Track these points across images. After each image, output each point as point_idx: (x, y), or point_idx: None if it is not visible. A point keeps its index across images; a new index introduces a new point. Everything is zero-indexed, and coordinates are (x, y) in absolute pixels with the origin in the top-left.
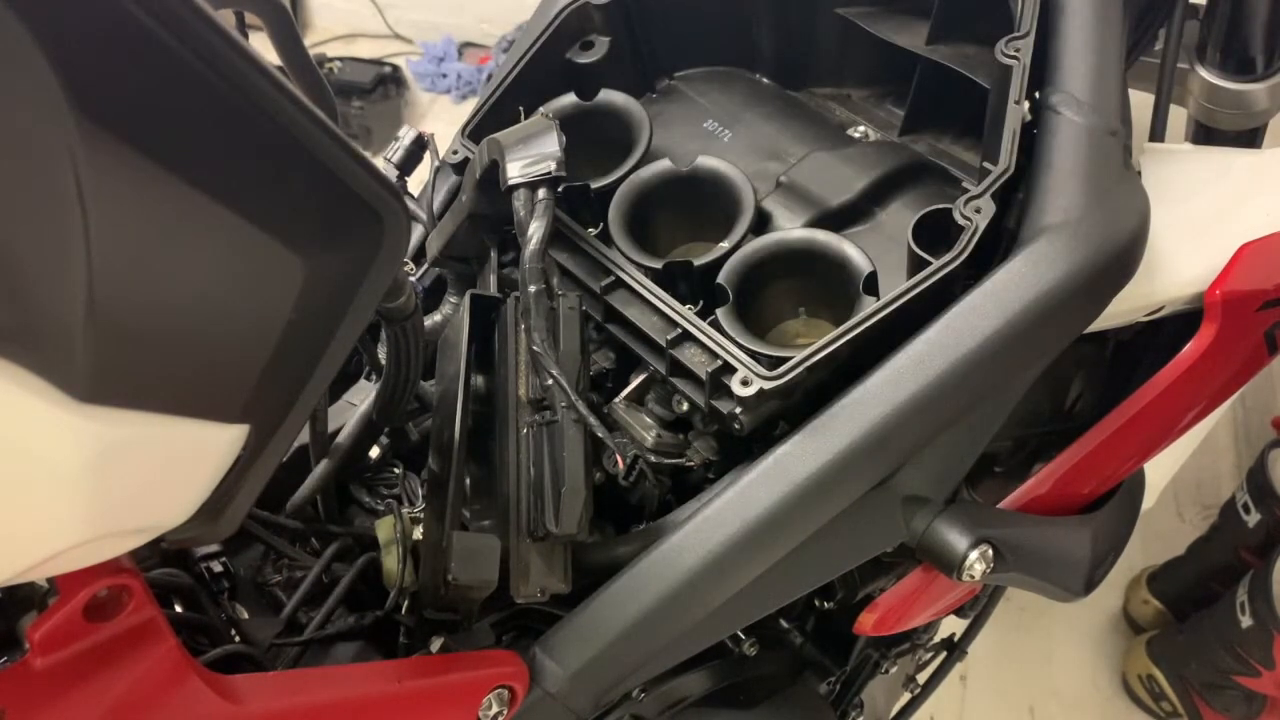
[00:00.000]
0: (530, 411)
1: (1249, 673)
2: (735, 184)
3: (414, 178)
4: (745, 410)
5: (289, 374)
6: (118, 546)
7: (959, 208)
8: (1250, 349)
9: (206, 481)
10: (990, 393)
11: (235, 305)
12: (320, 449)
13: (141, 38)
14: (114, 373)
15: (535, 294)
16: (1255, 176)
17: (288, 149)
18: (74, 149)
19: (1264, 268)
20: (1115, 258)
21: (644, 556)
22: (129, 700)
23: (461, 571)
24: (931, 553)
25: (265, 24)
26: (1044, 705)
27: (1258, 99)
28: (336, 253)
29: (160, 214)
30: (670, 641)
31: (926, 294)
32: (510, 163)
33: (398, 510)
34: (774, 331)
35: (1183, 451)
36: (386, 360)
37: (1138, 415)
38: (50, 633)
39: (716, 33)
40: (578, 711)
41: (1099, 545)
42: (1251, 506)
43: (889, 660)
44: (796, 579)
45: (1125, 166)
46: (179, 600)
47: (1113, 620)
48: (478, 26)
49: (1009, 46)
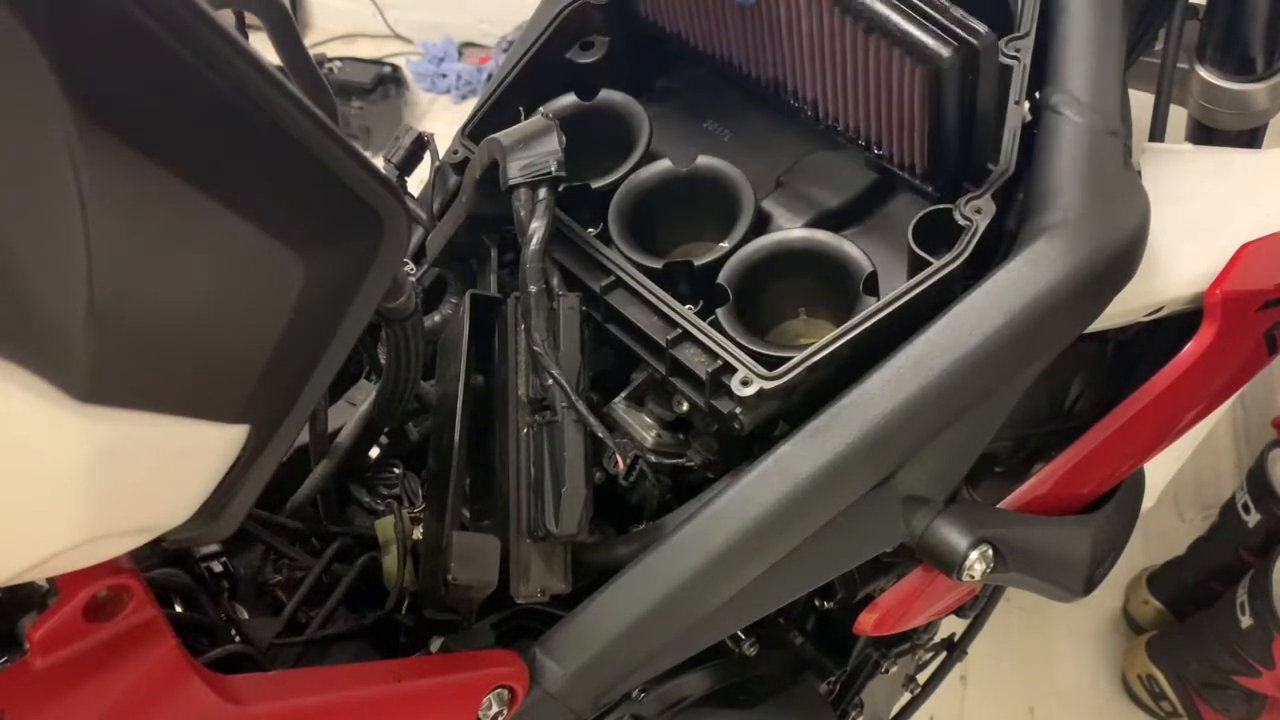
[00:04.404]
0: (530, 411)
1: (1249, 673)
2: (735, 184)
3: (414, 178)
4: (745, 410)
5: (289, 374)
6: (118, 546)
7: (959, 208)
8: (1250, 349)
9: (207, 481)
10: (990, 393)
11: (235, 305)
12: (320, 449)
13: (141, 38)
14: (114, 373)
15: (535, 294)
16: (1255, 176)
17: (288, 149)
18: (74, 149)
19: (1264, 268)
20: (1115, 258)
21: (644, 557)
22: (129, 700)
23: (461, 571)
24: (931, 553)
25: (265, 24)
26: (1044, 705)
27: (1258, 99)
28: (337, 253)
29: (160, 214)
30: (670, 641)
31: (927, 294)
32: (510, 163)
33: (398, 510)
34: (774, 332)
35: (1183, 451)
36: (386, 360)
37: (1138, 415)
38: (50, 633)
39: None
40: (578, 711)
41: (1099, 545)
42: (1251, 506)
43: (889, 660)
44: (796, 579)
45: (1125, 166)
46: (179, 600)
47: (1113, 620)
48: (478, 26)
49: (1009, 46)
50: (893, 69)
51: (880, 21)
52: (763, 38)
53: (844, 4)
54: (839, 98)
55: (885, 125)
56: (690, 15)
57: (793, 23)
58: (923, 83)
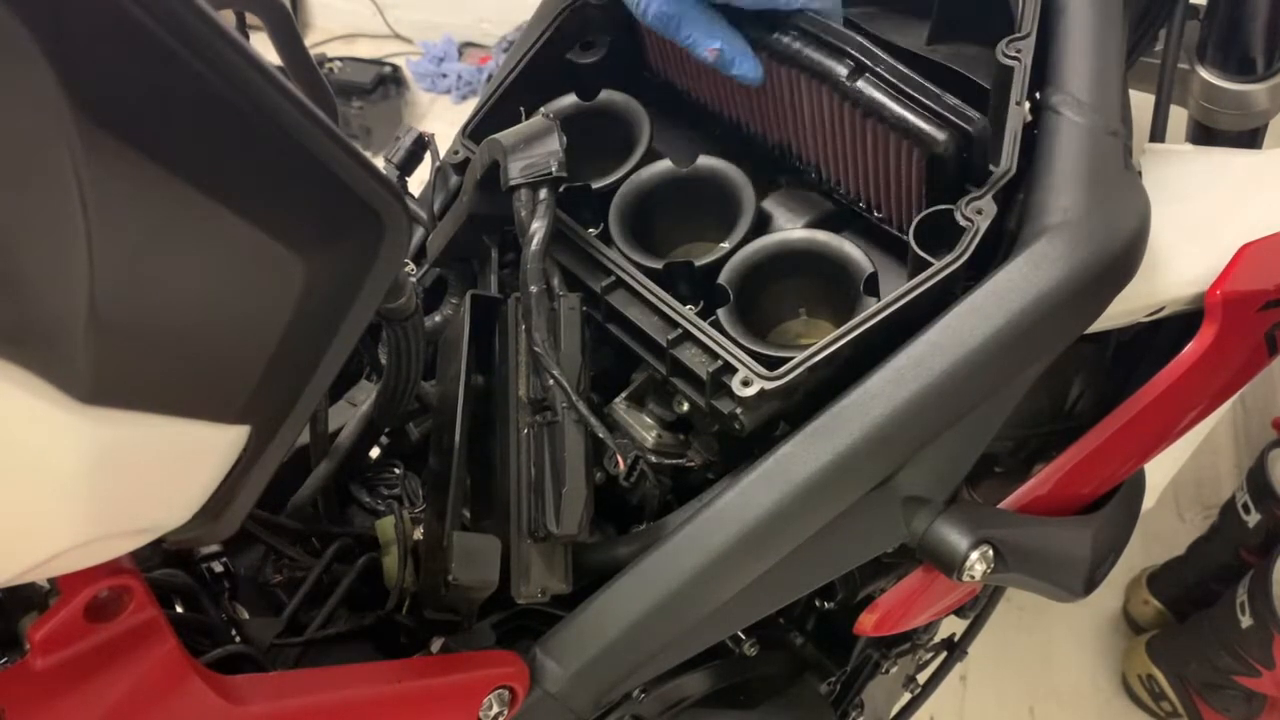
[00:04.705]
0: (531, 412)
1: (1249, 673)
2: (736, 184)
3: (414, 178)
4: (746, 410)
5: (290, 375)
6: (119, 547)
7: (960, 209)
8: (1250, 349)
9: (207, 482)
10: (991, 393)
11: (236, 306)
12: (320, 449)
13: (141, 38)
14: (115, 373)
15: (536, 294)
16: (1255, 176)
17: (288, 149)
18: (74, 149)
19: (1265, 268)
20: (1116, 258)
21: (644, 557)
22: (130, 701)
23: (462, 572)
24: (932, 553)
25: (265, 24)
26: (1044, 705)
27: (1258, 99)
28: (337, 253)
29: (161, 215)
30: (671, 642)
31: (927, 295)
32: (511, 163)
33: (398, 510)
34: (775, 332)
35: (1183, 451)
36: (387, 360)
37: (1138, 416)
38: (51, 633)
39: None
40: (578, 712)
41: (1099, 545)
42: (1251, 506)
43: (889, 660)
44: (797, 579)
45: (1126, 167)
46: (180, 600)
47: (1113, 620)
48: (478, 26)
49: (1010, 47)
50: (890, 149)
51: (878, 108)
52: (769, 109)
53: (844, 91)
54: (841, 168)
55: (885, 196)
56: (699, 76)
57: (797, 102)
58: (919, 163)
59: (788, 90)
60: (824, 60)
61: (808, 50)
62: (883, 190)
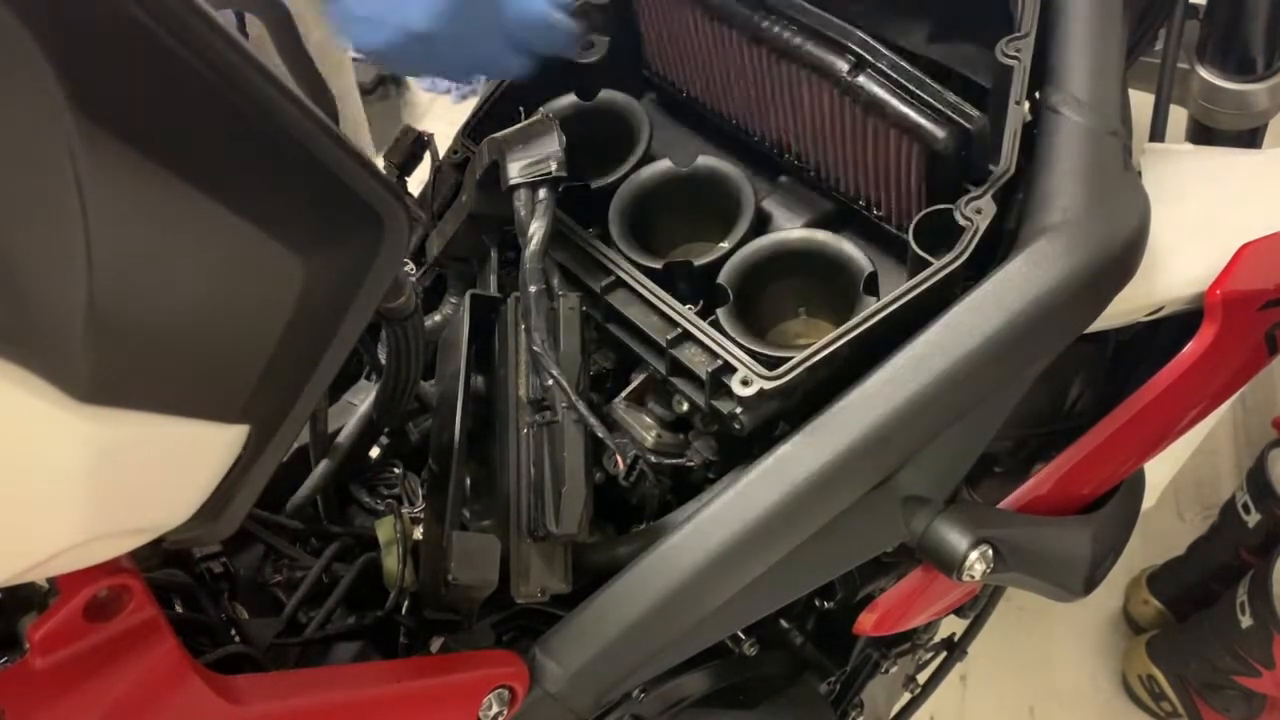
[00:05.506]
0: (530, 411)
1: (1249, 673)
2: (735, 184)
3: (414, 178)
4: (745, 410)
5: (289, 374)
6: (118, 546)
7: (960, 208)
8: (1250, 349)
9: (207, 482)
10: (990, 393)
11: (235, 305)
12: (320, 449)
13: (141, 37)
14: (114, 373)
15: (536, 294)
16: (1255, 176)
17: (288, 149)
18: (74, 149)
19: (1264, 268)
20: (1115, 258)
21: (644, 557)
22: (129, 700)
23: (461, 571)
24: (932, 553)
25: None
26: (1044, 705)
27: (1258, 99)
28: (337, 253)
29: (160, 214)
30: (670, 641)
31: (927, 294)
32: (511, 163)
33: (398, 510)
34: (774, 331)
35: (1183, 451)
36: (386, 360)
37: (1138, 415)
38: (50, 633)
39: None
40: (578, 711)
41: (1099, 545)
42: (1251, 506)
43: (889, 660)
44: (797, 579)
45: (1125, 166)
46: (179, 600)
47: (1113, 620)
48: None
49: (1009, 47)
50: (890, 145)
51: (879, 104)
52: (767, 106)
53: (845, 87)
54: (840, 165)
55: (884, 193)
56: (697, 76)
57: (797, 99)
58: (920, 160)
59: (787, 87)
60: (825, 55)
61: (809, 45)
62: (882, 188)
